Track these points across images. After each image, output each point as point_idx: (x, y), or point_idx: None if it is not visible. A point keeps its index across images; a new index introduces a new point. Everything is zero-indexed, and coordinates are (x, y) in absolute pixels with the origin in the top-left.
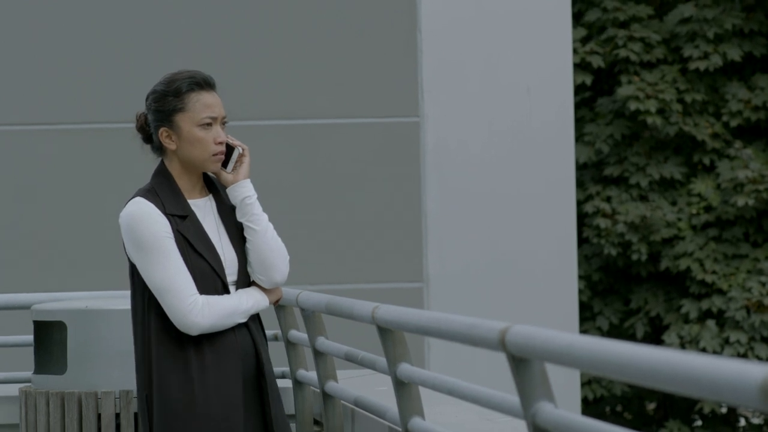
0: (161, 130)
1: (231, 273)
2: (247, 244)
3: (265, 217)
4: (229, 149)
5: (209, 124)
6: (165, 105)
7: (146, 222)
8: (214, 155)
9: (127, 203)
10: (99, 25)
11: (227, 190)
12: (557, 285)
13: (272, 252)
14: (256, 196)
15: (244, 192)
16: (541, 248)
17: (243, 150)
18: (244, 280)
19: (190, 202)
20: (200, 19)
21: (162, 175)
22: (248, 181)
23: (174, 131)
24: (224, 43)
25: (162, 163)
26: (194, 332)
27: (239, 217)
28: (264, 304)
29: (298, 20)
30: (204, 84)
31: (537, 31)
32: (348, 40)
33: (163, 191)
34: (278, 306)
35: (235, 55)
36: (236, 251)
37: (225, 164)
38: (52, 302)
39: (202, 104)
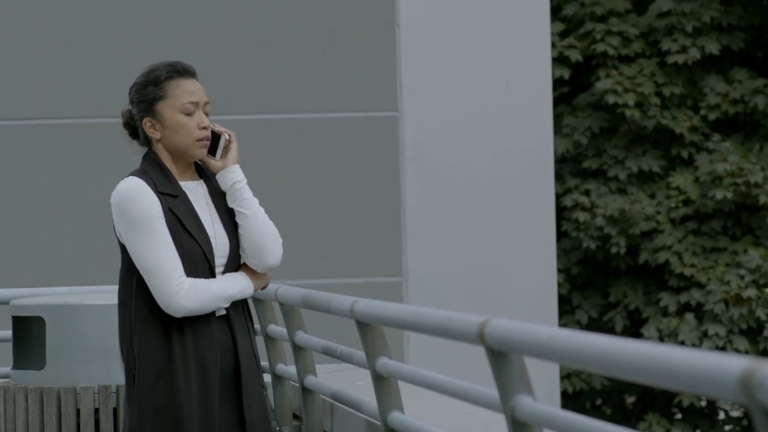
0: (144, 120)
1: (221, 256)
2: (239, 229)
3: (256, 201)
4: (216, 136)
5: (192, 110)
6: (146, 94)
7: (138, 200)
8: (198, 140)
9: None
10: (84, 20)
11: (217, 177)
12: (536, 278)
13: (264, 235)
14: (245, 180)
15: (233, 177)
16: (520, 242)
17: (230, 136)
18: (233, 265)
19: (181, 183)
20: (182, 17)
21: (151, 158)
22: (237, 166)
23: (157, 120)
24: (202, 39)
25: (150, 149)
26: (179, 314)
27: (230, 203)
28: (249, 291)
29: (277, 15)
30: (183, 71)
31: (515, 26)
32: (326, 35)
33: (154, 172)
34: (257, 301)
35: (213, 50)
36: (228, 235)
37: (213, 152)
38: (30, 297)
39: (183, 90)
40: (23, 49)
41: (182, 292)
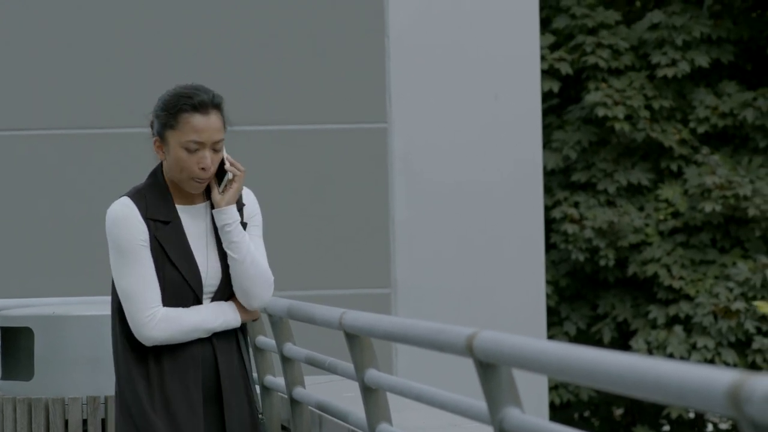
0: (155, 139)
1: (212, 284)
2: (230, 270)
3: (245, 242)
4: (224, 169)
5: (194, 149)
6: (161, 118)
7: (123, 225)
8: (193, 178)
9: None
10: (81, 32)
11: (213, 212)
12: (525, 290)
13: (250, 280)
14: (238, 222)
15: (224, 219)
16: (508, 253)
17: (233, 176)
18: (225, 292)
19: (182, 207)
20: (176, 30)
21: (155, 176)
22: (232, 207)
23: (164, 144)
24: (194, 51)
25: (161, 164)
26: (149, 344)
27: (222, 241)
28: (235, 324)
29: (266, 28)
30: (200, 106)
31: (505, 38)
32: (316, 47)
33: (152, 193)
34: None
35: (204, 62)
36: (222, 263)
37: (221, 179)
38: (19, 308)
39: (191, 127)
40: (16, 59)
41: (152, 323)
